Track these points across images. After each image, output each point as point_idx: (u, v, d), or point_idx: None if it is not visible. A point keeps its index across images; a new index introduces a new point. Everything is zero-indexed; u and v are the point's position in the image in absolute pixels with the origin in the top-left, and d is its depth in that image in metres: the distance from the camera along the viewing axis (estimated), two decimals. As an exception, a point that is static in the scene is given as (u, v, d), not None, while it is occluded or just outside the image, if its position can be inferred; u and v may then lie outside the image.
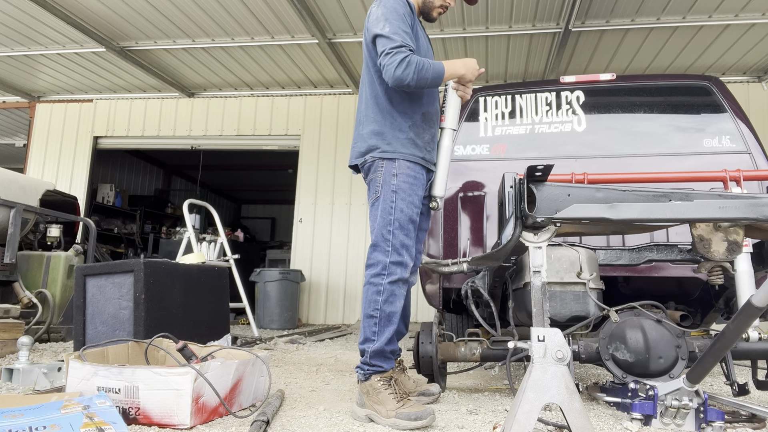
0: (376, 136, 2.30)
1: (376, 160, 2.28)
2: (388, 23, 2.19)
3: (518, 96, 3.65)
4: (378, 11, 2.26)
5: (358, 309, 7.22)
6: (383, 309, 2.18)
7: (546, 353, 1.67)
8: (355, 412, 2.15)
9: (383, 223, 2.22)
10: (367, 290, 2.22)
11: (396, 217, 2.22)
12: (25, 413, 1.62)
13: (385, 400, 2.08)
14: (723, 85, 3.43)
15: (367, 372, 2.18)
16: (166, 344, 2.37)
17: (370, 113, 2.34)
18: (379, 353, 2.18)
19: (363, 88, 2.42)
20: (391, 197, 2.23)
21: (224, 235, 5.41)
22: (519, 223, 1.80)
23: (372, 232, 2.27)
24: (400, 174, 2.25)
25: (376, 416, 2.07)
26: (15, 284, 4.26)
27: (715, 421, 1.96)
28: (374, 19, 2.25)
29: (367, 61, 2.37)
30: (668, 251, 2.60)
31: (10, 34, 6.34)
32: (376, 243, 2.23)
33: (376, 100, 2.33)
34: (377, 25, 2.22)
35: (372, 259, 2.23)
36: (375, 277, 2.20)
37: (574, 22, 5.52)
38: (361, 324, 2.25)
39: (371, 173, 2.31)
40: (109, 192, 9.59)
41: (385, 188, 2.24)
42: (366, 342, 2.20)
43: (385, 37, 2.18)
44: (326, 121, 7.69)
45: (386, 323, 2.19)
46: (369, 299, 2.20)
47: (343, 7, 5.53)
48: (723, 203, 1.72)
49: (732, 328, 1.68)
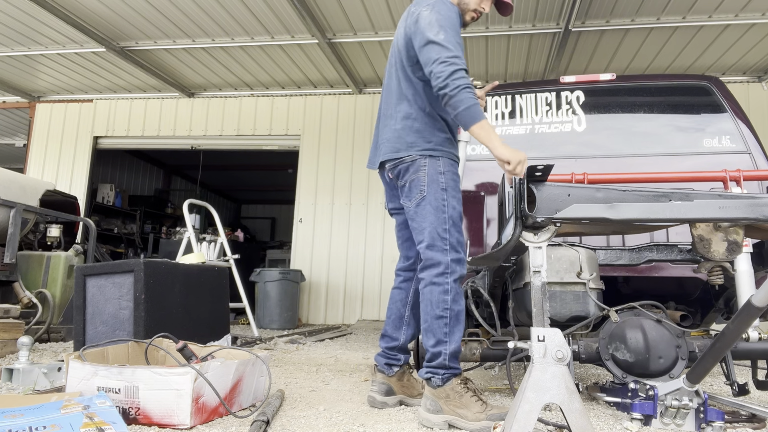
0: (415, 133, 2.24)
1: (417, 159, 2.21)
2: (443, 31, 2.12)
3: (518, 96, 3.65)
4: (432, 16, 2.17)
5: (358, 309, 7.22)
6: (452, 308, 2.13)
7: (546, 353, 1.67)
8: (429, 420, 2.05)
9: (437, 222, 2.16)
10: (431, 291, 2.14)
11: (450, 214, 2.17)
12: (25, 413, 1.62)
13: (469, 404, 2.04)
14: (723, 85, 3.42)
15: (445, 376, 2.10)
16: (166, 344, 2.37)
17: (405, 109, 2.28)
18: (455, 354, 2.13)
19: (396, 84, 2.35)
20: (442, 195, 2.18)
21: (224, 235, 5.41)
22: (519, 223, 1.80)
23: (420, 233, 2.20)
24: (446, 171, 2.21)
25: (460, 421, 2.01)
26: (15, 284, 4.26)
27: (715, 421, 1.96)
28: (427, 23, 2.16)
29: (403, 59, 2.30)
30: (668, 251, 2.60)
31: (10, 34, 6.34)
32: (432, 243, 2.16)
33: (416, 97, 2.27)
34: (431, 30, 2.13)
35: (431, 260, 2.16)
36: (439, 277, 2.14)
37: (574, 22, 5.52)
38: (427, 326, 2.16)
39: (410, 173, 2.23)
40: (109, 192, 9.59)
41: (432, 187, 2.18)
42: (439, 344, 2.12)
43: (439, 45, 2.10)
44: (326, 121, 7.70)
45: (456, 322, 2.14)
46: (436, 300, 2.13)
47: (343, 7, 5.53)
48: (723, 203, 1.72)
49: (732, 328, 1.68)
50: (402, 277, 2.50)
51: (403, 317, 2.45)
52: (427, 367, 2.16)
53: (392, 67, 2.41)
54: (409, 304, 2.46)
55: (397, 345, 2.43)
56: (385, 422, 2.08)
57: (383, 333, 2.48)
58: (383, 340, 2.47)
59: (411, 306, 2.46)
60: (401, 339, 2.43)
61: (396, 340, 2.43)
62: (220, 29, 6.09)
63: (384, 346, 2.45)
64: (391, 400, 2.35)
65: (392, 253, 7.24)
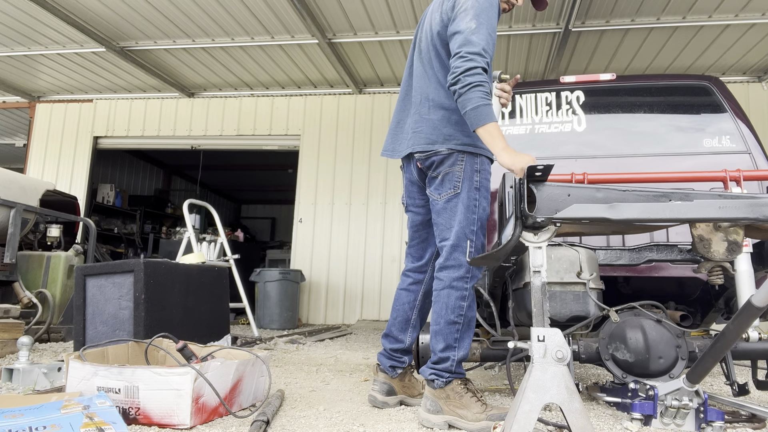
0: (454, 126, 2.12)
1: (455, 152, 2.11)
2: (475, 20, 2.01)
3: (518, 96, 3.65)
4: (467, 2, 2.05)
5: (358, 309, 7.22)
6: (467, 315, 2.09)
7: (546, 353, 1.67)
8: (429, 420, 2.05)
9: (466, 222, 2.09)
10: (449, 294, 2.09)
11: (479, 216, 2.11)
12: (25, 413, 1.62)
13: (470, 404, 2.03)
14: (723, 85, 3.42)
15: (449, 379, 2.09)
16: (166, 344, 2.37)
17: (443, 99, 2.15)
18: (462, 360, 2.11)
19: (431, 71, 2.21)
20: (475, 195, 2.11)
21: (224, 235, 5.41)
22: (519, 223, 1.80)
23: (446, 230, 2.12)
24: (482, 170, 2.14)
25: (460, 421, 2.01)
26: (15, 284, 4.26)
27: (715, 421, 1.96)
28: (462, 10, 2.05)
29: (438, 46, 2.18)
30: (668, 251, 2.60)
31: (10, 34, 6.34)
32: (458, 243, 2.08)
33: None
34: (463, 19, 2.03)
35: (454, 261, 2.09)
36: (459, 281, 2.08)
37: (574, 22, 5.52)
38: (438, 328, 2.12)
39: (446, 166, 2.12)
40: (109, 192, 9.60)
41: (467, 184, 2.10)
42: (448, 350, 2.09)
43: (465, 37, 2.00)
44: (326, 121, 7.69)
45: (467, 329, 2.11)
46: (453, 304, 2.08)
47: (343, 7, 5.53)
48: (723, 203, 1.72)
49: (732, 328, 1.68)
50: (411, 279, 2.42)
51: (409, 320, 2.40)
52: (433, 369, 2.13)
53: (427, 52, 2.25)
54: (417, 307, 2.40)
55: (402, 347, 2.39)
56: (385, 422, 2.08)
57: (387, 333, 2.42)
58: (387, 339, 2.41)
59: (419, 309, 2.41)
60: (406, 341, 2.39)
61: (401, 343, 2.38)
62: (220, 29, 6.09)
63: (388, 347, 2.40)
64: (392, 400, 2.34)
65: (392, 253, 7.24)
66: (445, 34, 2.16)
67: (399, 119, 2.38)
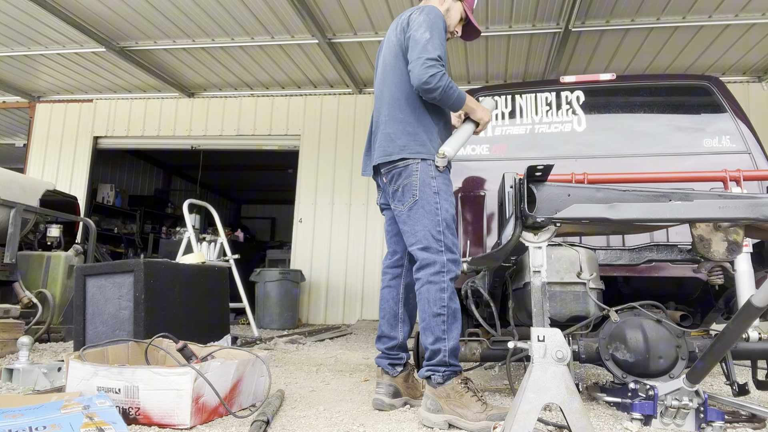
0: (407, 136, 2.27)
1: (410, 164, 2.24)
2: (429, 31, 2.22)
3: (518, 96, 3.65)
4: (420, 18, 2.28)
5: (358, 309, 7.22)
6: (449, 306, 2.16)
7: (546, 353, 1.67)
8: (429, 419, 2.06)
9: (431, 224, 2.20)
10: (428, 289, 2.17)
11: (443, 217, 2.21)
12: (25, 413, 1.62)
13: (470, 404, 2.05)
14: (723, 85, 3.42)
15: (446, 373, 2.12)
16: (166, 344, 2.37)
17: (398, 114, 2.32)
18: (454, 352, 2.15)
19: (388, 89, 2.39)
20: (434, 198, 2.22)
21: (224, 235, 5.41)
22: (519, 223, 1.80)
23: (413, 236, 2.23)
24: (438, 176, 2.25)
25: (460, 421, 2.02)
26: (15, 284, 4.26)
27: (715, 421, 1.96)
28: (417, 24, 2.27)
29: (400, 62, 2.36)
30: (668, 251, 2.60)
31: (10, 34, 6.34)
32: (427, 245, 2.19)
33: (408, 101, 2.31)
34: (418, 30, 2.24)
35: (426, 260, 2.19)
36: (435, 276, 2.16)
37: (574, 22, 5.52)
38: (425, 324, 2.18)
39: (403, 178, 2.26)
40: (109, 192, 9.60)
41: (424, 190, 2.22)
42: (438, 342, 2.14)
43: (422, 45, 2.19)
44: (326, 121, 7.69)
45: (453, 320, 2.16)
46: (433, 298, 2.16)
47: (343, 7, 5.53)
48: (723, 203, 1.72)
49: (732, 328, 1.68)
50: (390, 275, 2.51)
51: (397, 315, 2.46)
52: (427, 365, 2.17)
53: (384, 72, 2.43)
54: (402, 300, 2.47)
55: (397, 343, 2.43)
56: (385, 422, 2.08)
57: (380, 334, 2.47)
58: (380, 341, 2.46)
59: (403, 302, 2.47)
60: (399, 337, 2.44)
61: (394, 339, 2.43)
62: (220, 29, 6.09)
63: (383, 348, 2.44)
64: (399, 402, 2.35)
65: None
66: (404, 51, 2.34)
67: (371, 139, 2.51)
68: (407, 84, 2.31)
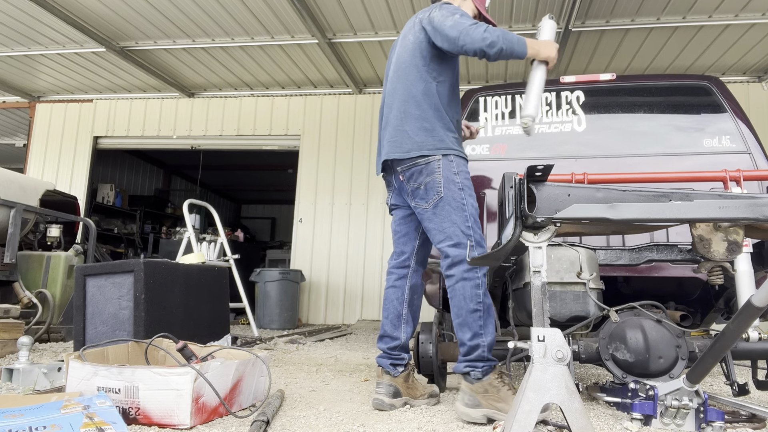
0: (425, 132, 2.27)
1: (432, 161, 2.24)
2: (455, 14, 2.23)
3: (518, 96, 3.65)
4: (442, 11, 2.28)
5: (358, 309, 7.22)
6: (485, 301, 2.18)
7: (546, 353, 1.67)
8: (468, 414, 2.07)
9: (460, 220, 2.21)
10: (463, 286, 2.18)
11: (470, 212, 2.24)
12: (25, 413, 1.62)
13: (507, 398, 2.06)
14: (723, 85, 3.42)
15: (485, 368, 2.13)
16: (166, 344, 2.37)
17: (414, 110, 2.31)
18: (491, 346, 2.17)
19: (403, 86, 2.37)
20: (460, 195, 2.23)
21: (224, 235, 5.41)
22: (519, 223, 1.80)
23: (441, 233, 2.23)
24: (461, 172, 2.27)
25: (499, 414, 2.04)
26: (15, 284, 4.26)
27: (715, 421, 1.96)
28: (441, 16, 2.26)
29: (417, 59, 2.35)
30: (668, 251, 2.60)
31: (10, 34, 6.34)
32: (458, 242, 2.20)
33: (427, 96, 2.31)
34: (446, 19, 2.22)
35: (459, 256, 2.19)
36: (469, 272, 2.18)
37: (574, 22, 5.52)
38: (461, 320, 2.19)
39: (424, 175, 2.26)
40: (109, 192, 9.59)
41: (449, 187, 2.23)
42: (476, 337, 2.16)
43: (455, 21, 2.18)
44: (326, 121, 7.69)
45: (488, 315, 2.18)
46: (469, 294, 2.17)
47: (343, 7, 5.53)
48: (723, 203, 1.72)
49: (732, 328, 1.68)
50: (396, 275, 2.51)
51: (401, 315, 2.45)
52: (466, 361, 2.17)
53: (398, 70, 2.42)
54: (406, 301, 2.46)
55: (399, 344, 2.42)
56: (385, 422, 2.08)
57: (382, 334, 2.46)
58: (382, 341, 2.45)
59: (408, 303, 2.46)
60: (402, 338, 2.43)
61: (397, 339, 2.42)
62: (220, 29, 6.09)
63: (385, 347, 2.43)
64: (399, 402, 2.35)
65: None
66: (422, 48, 2.33)
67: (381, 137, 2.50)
68: (424, 81, 2.31)
